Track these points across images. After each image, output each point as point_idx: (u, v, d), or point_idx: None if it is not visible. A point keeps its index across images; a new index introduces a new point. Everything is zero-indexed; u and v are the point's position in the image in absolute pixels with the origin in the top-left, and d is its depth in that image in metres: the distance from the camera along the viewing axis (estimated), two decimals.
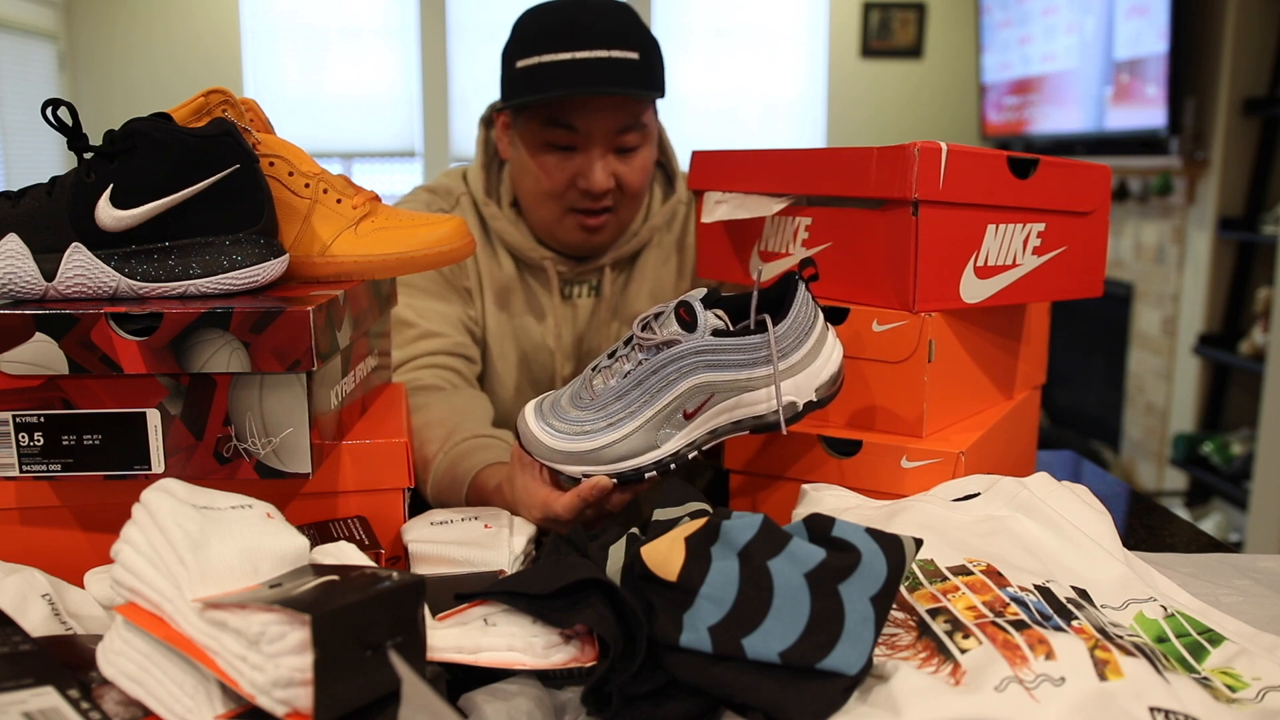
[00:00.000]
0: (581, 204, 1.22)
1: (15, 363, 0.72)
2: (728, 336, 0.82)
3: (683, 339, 0.82)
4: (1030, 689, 0.56)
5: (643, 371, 0.83)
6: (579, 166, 1.20)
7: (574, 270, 1.31)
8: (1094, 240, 1.03)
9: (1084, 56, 3.90)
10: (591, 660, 0.62)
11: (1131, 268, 3.98)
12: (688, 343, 0.81)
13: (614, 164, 1.21)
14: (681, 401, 0.83)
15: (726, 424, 0.84)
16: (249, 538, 0.60)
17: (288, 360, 0.73)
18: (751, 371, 0.82)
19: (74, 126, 0.77)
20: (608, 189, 1.21)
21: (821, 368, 0.84)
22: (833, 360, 0.85)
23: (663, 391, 0.83)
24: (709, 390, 0.82)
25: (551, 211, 1.25)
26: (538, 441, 0.86)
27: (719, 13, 4.78)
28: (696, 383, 0.82)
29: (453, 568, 0.81)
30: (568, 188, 1.22)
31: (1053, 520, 0.78)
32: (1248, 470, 3.21)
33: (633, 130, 1.20)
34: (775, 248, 1.03)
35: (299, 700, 0.52)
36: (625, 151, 1.21)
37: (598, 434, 0.84)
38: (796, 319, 0.83)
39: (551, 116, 1.18)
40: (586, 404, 0.85)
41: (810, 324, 0.84)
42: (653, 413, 0.83)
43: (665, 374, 0.82)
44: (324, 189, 0.87)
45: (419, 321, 1.26)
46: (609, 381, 0.85)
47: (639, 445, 0.84)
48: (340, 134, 4.66)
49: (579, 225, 1.25)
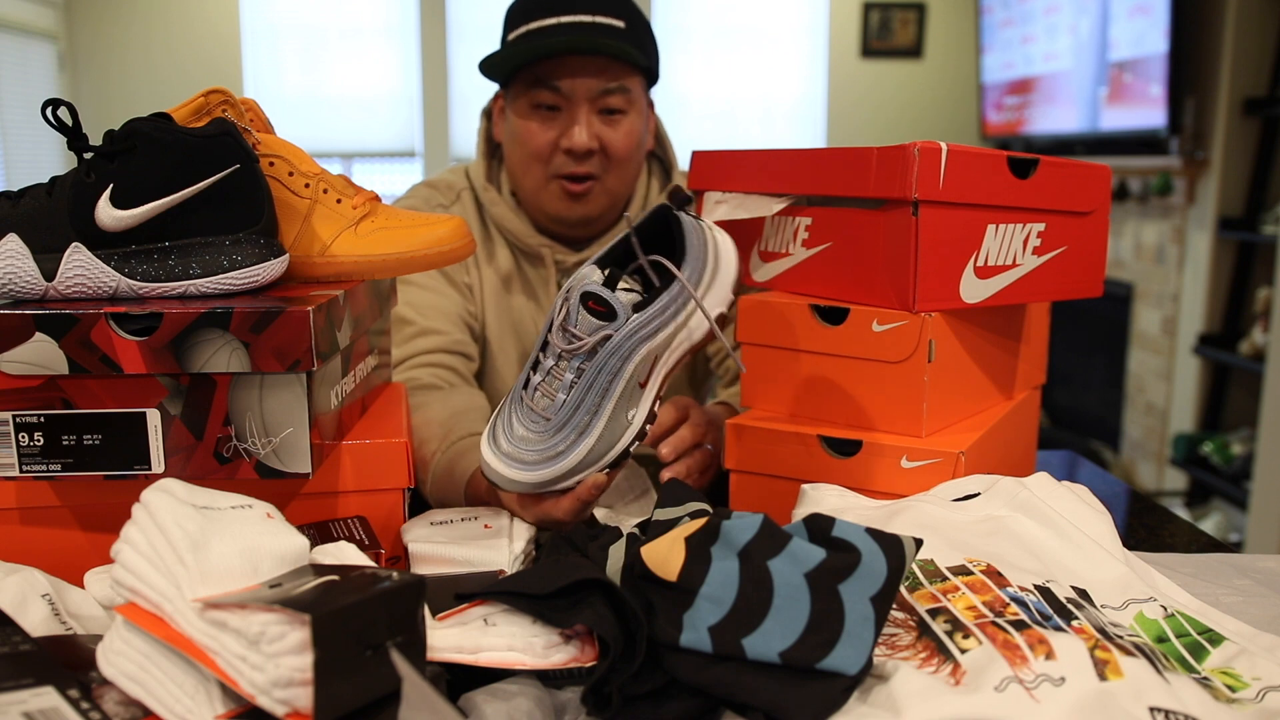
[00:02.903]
0: (566, 168, 1.26)
1: (15, 363, 0.72)
2: (648, 305, 0.82)
3: (612, 331, 0.81)
4: (1030, 689, 0.56)
5: (588, 377, 0.81)
6: (563, 126, 1.24)
7: (573, 258, 1.33)
8: (1094, 240, 1.03)
9: (1079, 57, 3.90)
10: (591, 660, 0.62)
11: (1131, 268, 3.98)
12: (618, 334, 0.81)
13: (598, 126, 1.25)
14: (634, 378, 0.83)
15: (673, 364, 0.86)
16: (249, 538, 0.60)
17: (288, 360, 0.73)
18: (678, 318, 0.83)
19: (74, 126, 0.77)
20: (590, 149, 1.24)
21: (729, 269, 0.86)
22: (731, 256, 0.86)
23: (614, 382, 0.82)
24: (652, 355, 0.83)
25: (537, 178, 1.28)
26: (516, 482, 0.83)
27: (719, 13, 4.78)
28: (640, 357, 0.82)
29: (453, 568, 0.81)
30: (553, 151, 1.25)
31: (1053, 520, 0.78)
32: (1248, 470, 3.21)
33: (616, 93, 1.23)
34: (775, 248, 1.03)
35: (299, 700, 0.52)
36: (609, 114, 1.25)
37: (572, 450, 0.82)
38: (694, 250, 0.83)
39: (537, 78, 1.23)
40: (544, 426, 0.83)
41: (704, 244, 0.84)
42: (614, 403, 0.82)
43: (609, 367, 0.81)
44: (324, 189, 0.87)
45: (417, 319, 1.27)
46: (556, 397, 0.82)
47: (614, 434, 0.83)
48: (340, 134, 4.66)
49: (563, 191, 1.27)
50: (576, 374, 0.82)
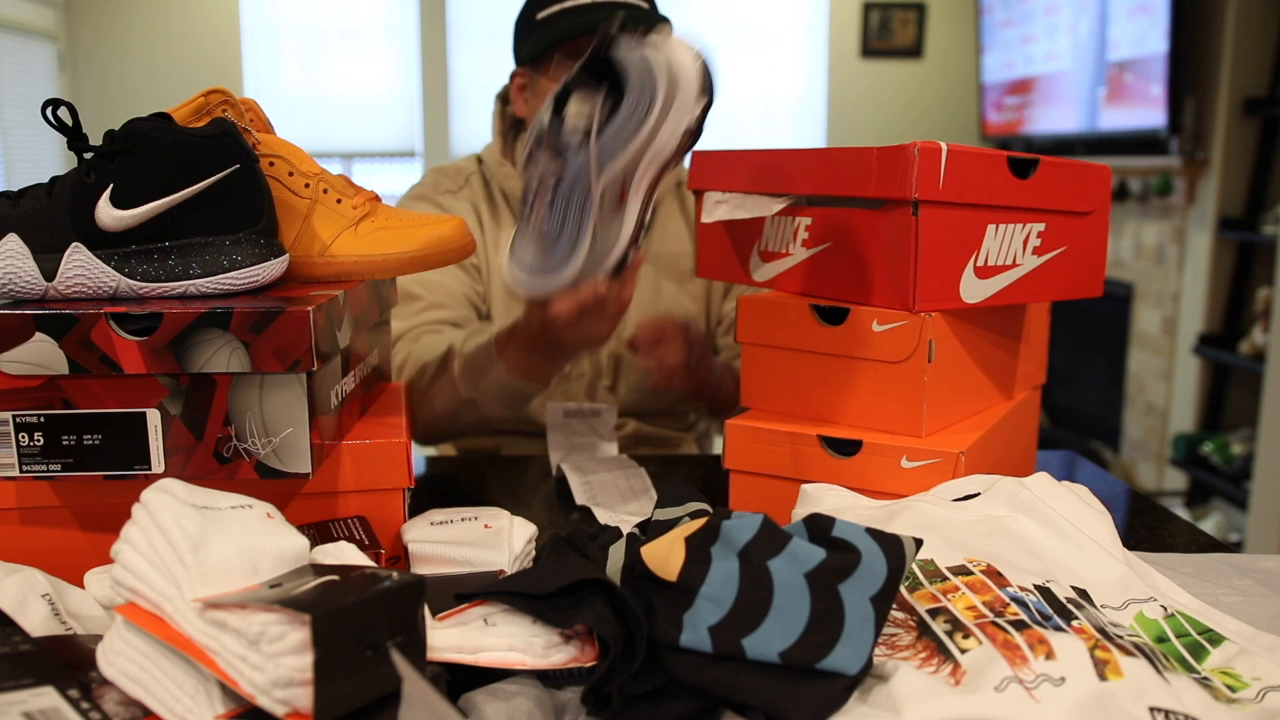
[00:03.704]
0: None
1: (15, 363, 0.72)
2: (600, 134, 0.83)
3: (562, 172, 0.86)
4: (1030, 689, 0.56)
5: (559, 207, 0.87)
6: None
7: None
8: (1094, 240, 1.03)
9: (1078, 57, 3.90)
10: (591, 660, 0.62)
11: (1131, 268, 3.98)
12: (568, 172, 0.86)
13: None
14: (607, 200, 0.87)
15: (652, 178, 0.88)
16: (249, 538, 0.60)
17: (288, 360, 0.73)
18: (636, 140, 0.84)
19: (74, 126, 0.77)
20: None
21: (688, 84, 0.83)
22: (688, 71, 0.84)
23: (587, 205, 0.87)
24: (621, 176, 0.86)
25: None
26: (533, 284, 0.91)
27: (719, 12, 4.78)
28: (606, 182, 0.86)
29: (453, 568, 0.81)
30: None
31: (1053, 520, 0.78)
32: (1248, 470, 3.21)
33: None
34: (775, 247, 1.03)
35: (299, 700, 0.52)
36: None
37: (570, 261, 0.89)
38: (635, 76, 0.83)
39: (578, 50, 1.27)
40: (544, 244, 0.91)
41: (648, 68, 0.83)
42: (593, 223, 0.87)
43: (576, 198, 0.86)
44: (324, 189, 0.87)
45: (424, 294, 1.34)
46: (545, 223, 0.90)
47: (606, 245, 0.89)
48: (340, 134, 4.66)
49: None
50: (550, 205, 0.88)
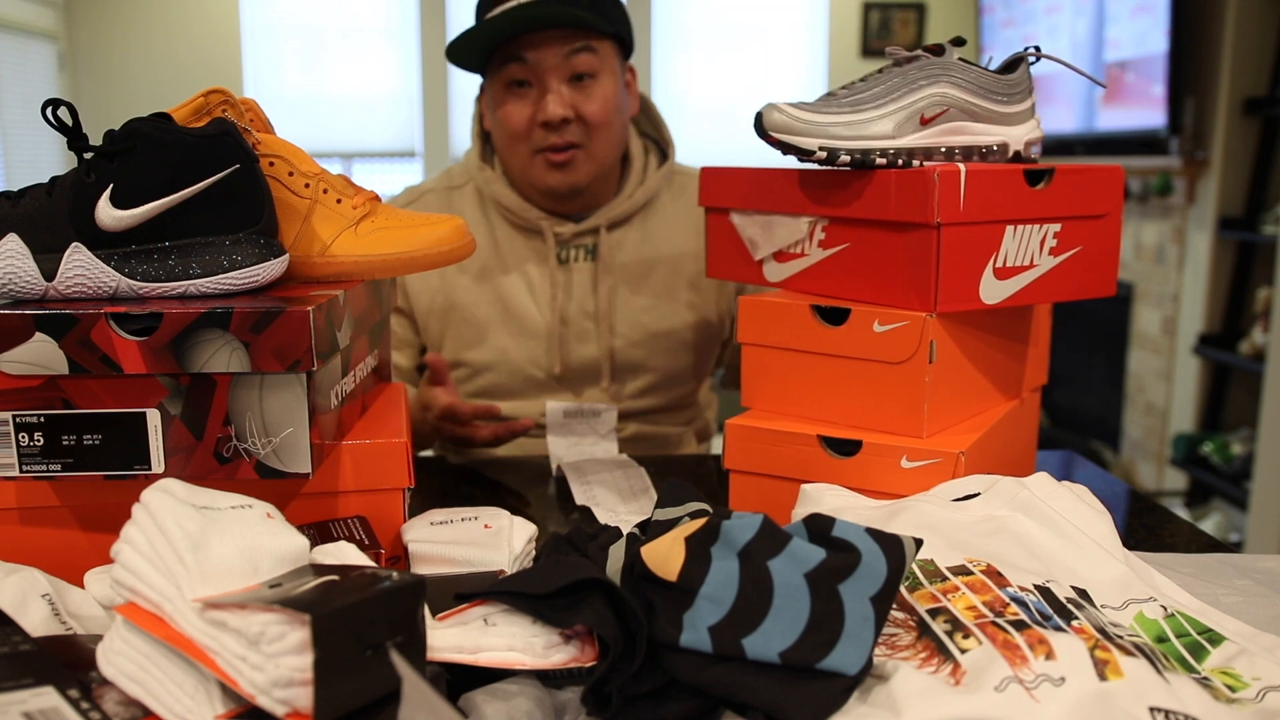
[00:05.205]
0: (546, 142, 1.30)
1: (15, 363, 0.72)
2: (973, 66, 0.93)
3: (931, 58, 0.93)
4: (1030, 689, 0.56)
5: (888, 76, 0.92)
6: (536, 100, 1.29)
7: (570, 230, 1.37)
8: (1108, 240, 1.03)
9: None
10: (591, 660, 0.62)
11: (1131, 268, 3.98)
12: (937, 59, 0.93)
13: (570, 95, 1.29)
14: (922, 106, 0.91)
15: (955, 145, 0.94)
16: (249, 538, 0.60)
17: (288, 360, 0.73)
18: (985, 102, 0.94)
19: (74, 126, 0.77)
20: (566, 117, 1.28)
21: (1032, 129, 0.99)
22: (1036, 127, 1.00)
23: (907, 92, 0.91)
24: (945, 103, 0.92)
25: (522, 156, 1.33)
26: (802, 121, 0.90)
27: (719, 12, 4.78)
28: (938, 90, 0.92)
29: (453, 568, 0.81)
30: (531, 127, 1.30)
31: (1053, 520, 0.78)
32: (1248, 470, 3.21)
33: (582, 52, 1.27)
34: (790, 248, 1.03)
35: (299, 700, 0.52)
36: (580, 80, 1.29)
37: (859, 112, 0.91)
38: (1020, 76, 0.97)
39: (507, 56, 1.27)
40: (839, 101, 0.92)
41: (1027, 90, 0.98)
42: (896, 107, 0.91)
43: (911, 78, 0.92)
44: (324, 189, 0.87)
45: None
46: (854, 91, 0.93)
47: (884, 129, 0.91)
48: (340, 134, 4.66)
49: (546, 163, 1.32)
50: (881, 72, 0.95)
